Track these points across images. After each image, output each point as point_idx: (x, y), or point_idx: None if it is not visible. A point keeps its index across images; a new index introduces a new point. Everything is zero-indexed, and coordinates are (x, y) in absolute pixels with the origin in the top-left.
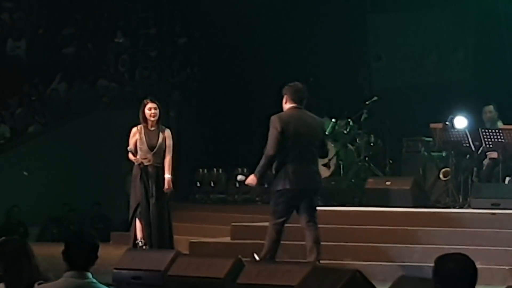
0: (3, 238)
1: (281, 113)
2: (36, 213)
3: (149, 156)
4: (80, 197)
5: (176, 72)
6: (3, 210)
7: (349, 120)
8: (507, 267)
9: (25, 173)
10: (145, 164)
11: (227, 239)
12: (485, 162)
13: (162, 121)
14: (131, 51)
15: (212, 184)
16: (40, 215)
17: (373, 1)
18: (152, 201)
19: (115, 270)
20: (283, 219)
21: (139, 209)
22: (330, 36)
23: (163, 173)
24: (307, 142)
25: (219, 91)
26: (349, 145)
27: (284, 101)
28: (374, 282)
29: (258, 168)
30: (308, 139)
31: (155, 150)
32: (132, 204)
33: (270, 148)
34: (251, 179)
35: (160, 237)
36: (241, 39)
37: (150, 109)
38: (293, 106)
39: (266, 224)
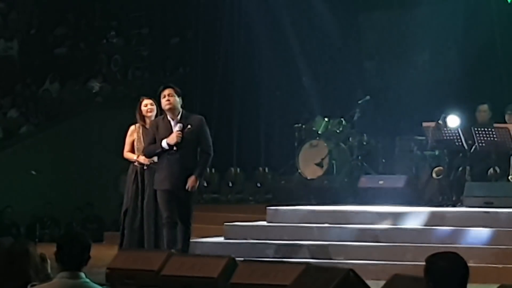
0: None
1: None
2: (29, 213)
3: None
4: (72, 198)
5: (169, 72)
6: None
7: (342, 119)
8: (500, 266)
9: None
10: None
11: (220, 239)
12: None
13: None
14: (124, 51)
15: (205, 184)
16: (33, 215)
17: (365, 0)
18: (143, 203)
19: (108, 270)
20: None
21: (127, 215)
22: (323, 35)
23: None
24: None
25: (212, 91)
26: (342, 144)
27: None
28: (367, 281)
29: (202, 171)
30: None
31: None
32: (123, 208)
33: (211, 147)
34: (193, 181)
35: (156, 239)
36: (234, 39)
37: (146, 105)
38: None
39: (260, 223)
